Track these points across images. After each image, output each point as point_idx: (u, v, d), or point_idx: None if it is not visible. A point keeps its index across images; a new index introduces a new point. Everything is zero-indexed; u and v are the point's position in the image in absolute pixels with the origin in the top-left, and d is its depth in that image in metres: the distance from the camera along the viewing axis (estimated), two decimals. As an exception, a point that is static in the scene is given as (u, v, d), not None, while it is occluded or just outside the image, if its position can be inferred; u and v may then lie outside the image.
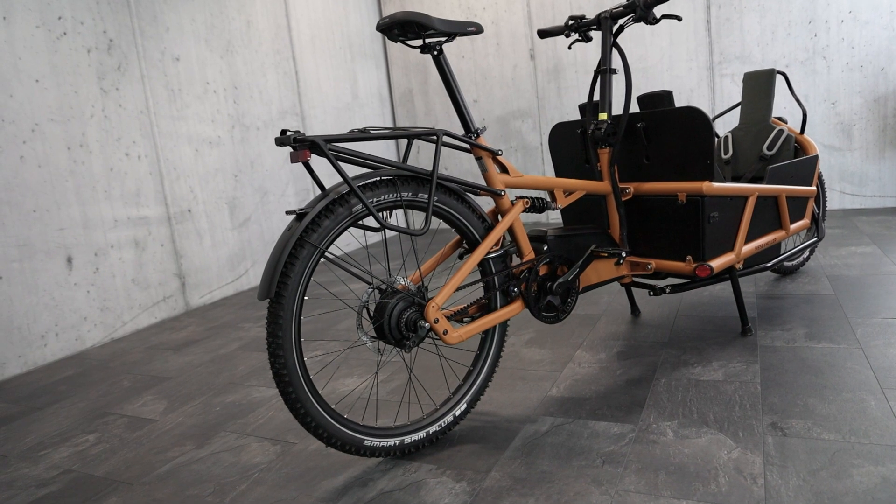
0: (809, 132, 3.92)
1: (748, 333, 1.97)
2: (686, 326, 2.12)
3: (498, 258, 1.56)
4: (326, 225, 1.30)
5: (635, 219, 1.90)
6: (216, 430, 1.75)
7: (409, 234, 1.37)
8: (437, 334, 1.42)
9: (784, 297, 2.32)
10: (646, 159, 1.85)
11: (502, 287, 1.57)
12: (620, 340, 2.07)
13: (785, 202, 2.05)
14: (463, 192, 1.50)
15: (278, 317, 1.26)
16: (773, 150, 2.29)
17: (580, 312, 2.43)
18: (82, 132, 2.79)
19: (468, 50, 4.86)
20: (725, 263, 1.83)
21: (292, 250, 1.27)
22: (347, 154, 1.31)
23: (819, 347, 1.81)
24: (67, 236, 2.72)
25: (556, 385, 1.77)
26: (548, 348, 2.08)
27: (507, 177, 1.59)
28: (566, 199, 1.73)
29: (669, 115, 1.74)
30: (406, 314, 1.39)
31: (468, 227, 1.52)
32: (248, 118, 3.72)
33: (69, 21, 2.75)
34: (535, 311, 1.62)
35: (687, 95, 4.19)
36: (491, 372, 1.60)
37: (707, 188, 1.72)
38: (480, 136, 1.54)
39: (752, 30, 3.95)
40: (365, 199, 1.29)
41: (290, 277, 1.27)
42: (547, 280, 1.65)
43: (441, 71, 1.49)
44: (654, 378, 1.73)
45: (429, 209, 1.39)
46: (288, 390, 1.28)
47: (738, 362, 1.77)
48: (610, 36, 1.83)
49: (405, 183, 1.40)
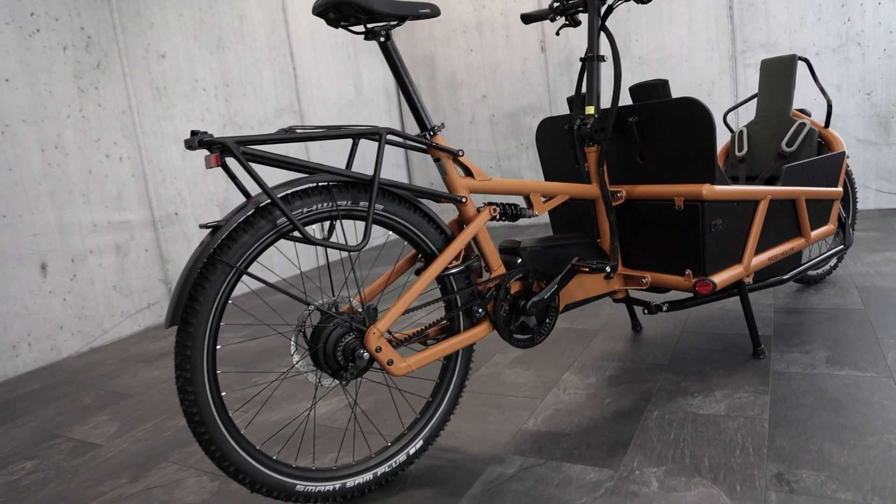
0: (842, 125, 3.60)
1: (761, 356, 1.73)
2: (691, 345, 1.89)
3: (461, 274, 1.36)
4: (245, 240, 1.12)
5: (629, 226, 1.68)
6: (158, 459, 1.59)
7: (342, 250, 1.18)
8: (381, 365, 1.23)
9: (806, 311, 2.06)
10: (640, 158, 1.62)
11: (465, 307, 1.37)
12: (615, 361, 1.85)
13: (804, 206, 1.80)
14: (415, 200, 1.31)
15: (186, 347, 1.09)
16: (793, 146, 2.04)
17: (577, 327, 2.21)
18: (58, 133, 2.68)
19: (477, 43, 4.65)
20: (731, 278, 1.59)
21: (202, 270, 1.10)
22: (270, 158, 1.13)
23: (842, 375, 1.57)
24: (41, 242, 2.61)
25: (534, 415, 1.56)
26: (533, 369, 1.87)
27: (471, 180, 1.39)
28: (545, 204, 1.52)
29: (664, 107, 1.51)
30: (344, 341, 1.21)
31: (423, 240, 1.32)
32: (240, 117, 3.58)
33: (42, 17, 2.64)
34: (504, 333, 1.41)
35: (708, 87, 3.91)
36: (453, 404, 1.41)
37: (707, 192, 1.49)
38: (438, 134, 1.35)
39: (778, 15, 3.65)
40: (286, 210, 1.10)
41: (199, 302, 1.09)
42: (520, 298, 1.45)
43: (390, 61, 1.29)
44: (645, 410, 1.51)
45: (368, 220, 1.20)
46: (200, 430, 1.11)
47: (745, 392, 1.54)
48: (597, 18, 1.61)
49: (343, 190, 1.21)
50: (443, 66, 4.82)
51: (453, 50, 4.75)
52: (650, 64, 4.05)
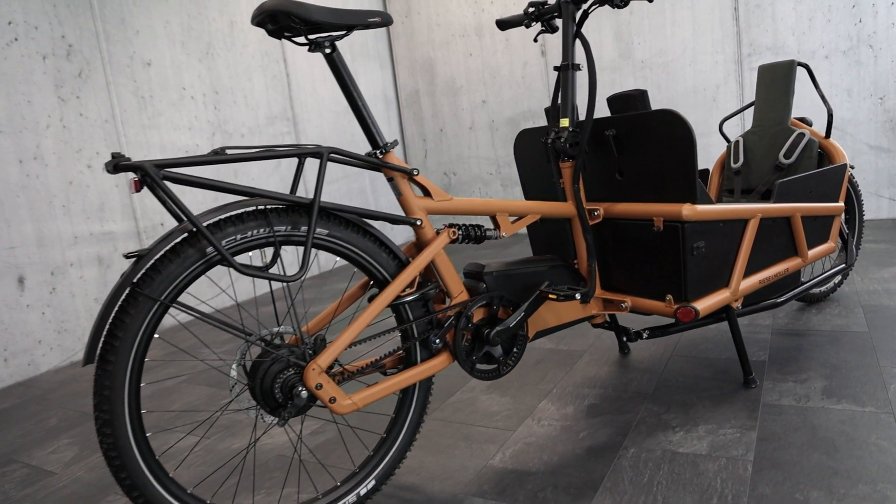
0: (853, 131, 3.45)
1: (752, 385, 1.61)
2: (679, 371, 1.77)
3: (417, 302, 1.27)
4: (171, 270, 1.04)
5: (608, 247, 1.57)
6: (107, 491, 1.51)
7: (277, 281, 1.09)
8: (323, 403, 1.14)
9: (805, 333, 1.93)
10: (618, 174, 1.51)
11: (422, 337, 1.28)
12: (597, 388, 1.74)
13: (800, 223, 1.68)
14: (363, 223, 1.21)
15: (104, 387, 1.00)
16: (791, 157, 1.91)
17: (562, 348, 2.10)
18: (36, 144, 2.63)
19: (476, 47, 4.55)
20: (717, 304, 1.48)
21: (123, 304, 1.01)
22: (198, 182, 1.04)
23: (837, 410, 1.44)
24: (19, 255, 2.56)
25: (502, 450, 1.46)
26: (510, 396, 1.76)
27: (428, 201, 1.29)
28: (514, 224, 1.42)
29: (642, 120, 1.40)
30: (282, 377, 1.12)
31: (374, 265, 1.23)
32: (230, 124, 3.52)
33: (21, 26, 2.59)
34: (466, 365, 1.31)
35: (713, 92, 3.77)
36: (409, 440, 1.31)
37: (688, 212, 1.38)
38: (390, 151, 1.25)
39: (786, 17, 3.50)
40: (210, 237, 1.02)
41: (118, 338, 1.01)
42: (484, 326, 1.35)
43: (337, 74, 1.20)
44: (621, 446, 1.40)
45: (307, 246, 1.11)
46: (120, 475, 1.02)
47: (730, 427, 1.42)
48: (572, 24, 1.50)
49: (283, 215, 1.12)
50: (442, 71, 4.73)
51: (452, 54, 4.66)
52: (653, 68, 3.92)
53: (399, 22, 4.81)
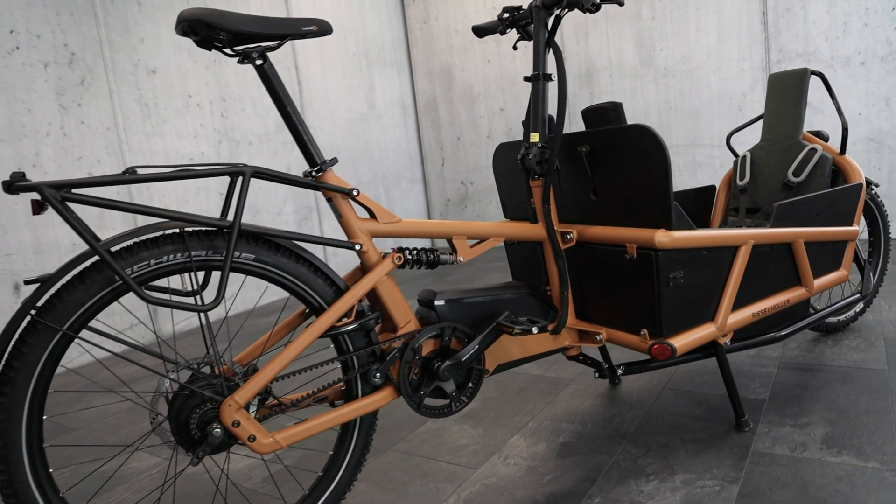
0: (890, 143, 3.20)
1: (744, 428, 1.46)
2: (667, 408, 1.63)
3: (357, 332, 1.17)
4: (77, 297, 0.97)
5: (584, 273, 1.44)
6: (52, 516, 1.46)
7: (188, 310, 1.01)
8: (242, 441, 1.05)
9: (815, 368, 1.76)
10: (593, 194, 1.39)
11: (362, 370, 1.18)
12: (575, 424, 1.61)
13: (803, 250, 1.51)
14: (295, 247, 1.12)
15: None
16: (801, 175, 1.74)
17: (549, 375, 1.97)
18: (36, 152, 2.64)
19: (494, 54, 4.44)
20: (699, 340, 1.33)
21: (22, 333, 0.95)
22: (103, 203, 0.97)
23: (836, 463, 1.28)
24: (15, 262, 2.57)
25: (458, 491, 1.35)
26: (482, 428, 1.65)
27: (372, 223, 1.19)
28: (474, 248, 1.31)
29: (613, 135, 1.28)
30: (198, 412, 1.04)
31: (309, 294, 1.14)
32: (238, 132, 3.50)
33: (23, 35, 2.61)
34: (412, 402, 1.21)
35: (739, 101, 3.57)
36: (349, 479, 1.21)
37: (662, 239, 1.24)
38: (329, 170, 1.16)
39: (818, 21, 3.28)
40: (112, 261, 0.94)
41: (14, 368, 0.94)
42: (435, 359, 1.24)
43: (269, 87, 1.12)
44: (586, 495, 1.27)
45: (224, 272, 1.02)
46: (16, 516, 0.96)
47: (710, 479, 1.28)
48: (544, 31, 1.39)
49: (203, 238, 1.05)
50: (459, 78, 4.64)
51: (470, 61, 4.56)
52: (675, 75, 3.74)
53: (417, 28, 4.74)
